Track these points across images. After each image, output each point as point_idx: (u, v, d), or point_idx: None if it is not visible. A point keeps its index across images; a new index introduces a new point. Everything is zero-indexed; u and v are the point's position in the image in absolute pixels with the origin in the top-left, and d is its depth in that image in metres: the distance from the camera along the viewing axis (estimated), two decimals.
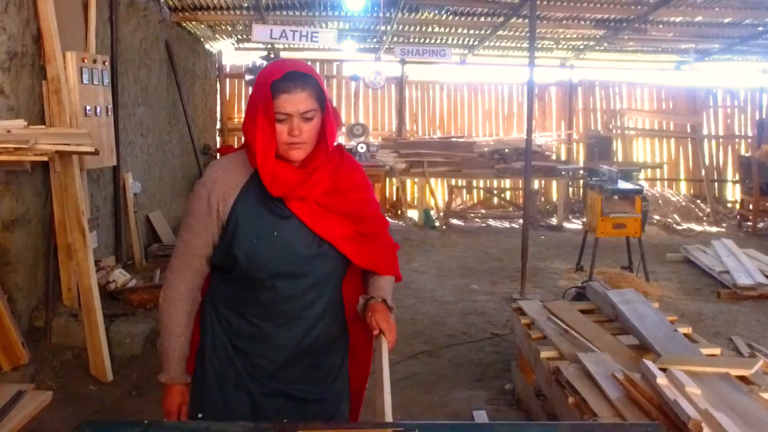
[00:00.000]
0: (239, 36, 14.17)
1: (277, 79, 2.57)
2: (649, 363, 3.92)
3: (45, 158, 5.51)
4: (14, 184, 6.20)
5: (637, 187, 9.66)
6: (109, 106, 7.28)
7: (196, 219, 2.74)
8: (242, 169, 2.74)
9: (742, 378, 4.01)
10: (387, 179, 14.02)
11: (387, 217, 11.17)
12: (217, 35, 13.72)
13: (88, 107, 6.73)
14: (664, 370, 3.89)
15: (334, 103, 15.33)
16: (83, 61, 6.67)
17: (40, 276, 6.54)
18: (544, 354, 4.77)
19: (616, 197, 9.27)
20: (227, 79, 15.50)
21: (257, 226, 2.70)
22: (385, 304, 2.91)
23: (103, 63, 7.11)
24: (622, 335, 5.02)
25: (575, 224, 14.15)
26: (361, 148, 12.56)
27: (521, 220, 9.61)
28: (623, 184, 9.54)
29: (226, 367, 2.83)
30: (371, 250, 2.90)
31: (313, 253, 2.74)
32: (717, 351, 4.68)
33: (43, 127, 6.10)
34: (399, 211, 14.41)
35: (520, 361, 5.79)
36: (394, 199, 14.79)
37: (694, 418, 3.16)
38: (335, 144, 2.77)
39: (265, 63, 14.91)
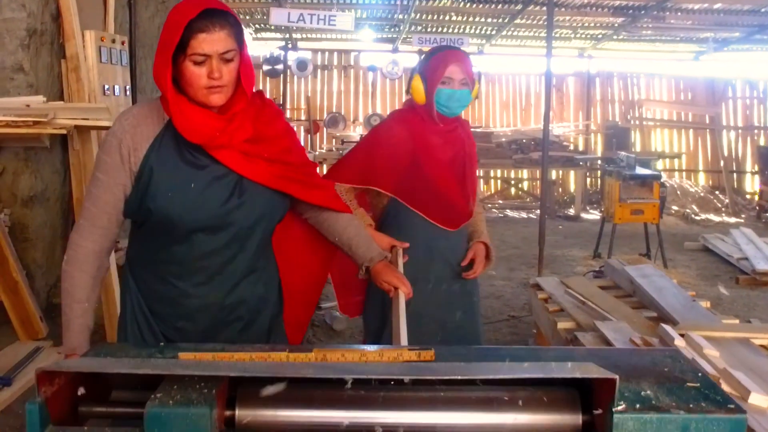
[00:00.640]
0: (257, 25, 14.20)
1: (192, 18, 2.35)
2: (667, 327, 3.91)
3: (64, 131, 5.55)
4: (33, 161, 6.24)
5: (655, 173, 9.62)
6: (128, 87, 7.30)
7: (106, 172, 2.52)
8: (155, 117, 2.55)
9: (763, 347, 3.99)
10: None
11: None
12: None
13: (106, 86, 6.76)
14: (682, 335, 3.87)
15: (352, 95, 15.44)
16: (102, 41, 6.69)
17: (59, 254, 6.56)
18: (561, 325, 4.75)
19: (633, 183, 9.24)
20: None
21: (172, 177, 2.50)
22: (385, 260, 2.91)
23: (122, 43, 7.13)
24: (641, 309, 5.00)
25: (593, 215, 14.11)
26: None
27: (538, 210, 9.58)
28: (641, 170, 9.50)
29: (147, 334, 2.66)
30: (311, 188, 2.78)
31: (233, 205, 2.55)
32: (735, 321, 4.65)
33: (62, 102, 6.14)
34: None
35: (538, 339, 5.77)
36: None
37: (712, 374, 3.15)
38: (254, 90, 2.61)
39: (282, 53, 14.93)
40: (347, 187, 3.65)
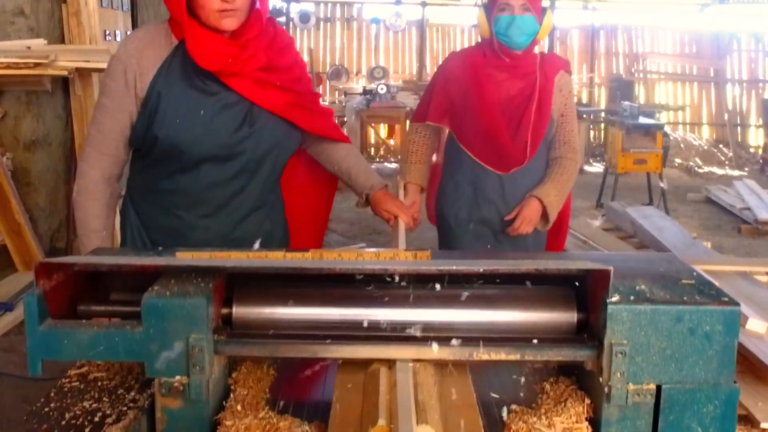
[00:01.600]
0: None
1: None
2: None
3: (65, 73, 5.54)
4: (35, 104, 6.24)
5: (658, 122, 9.58)
6: (129, 32, 7.27)
7: (111, 98, 2.46)
8: (162, 41, 2.46)
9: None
10: (407, 121, 13.94)
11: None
12: None
13: (107, 31, 6.73)
14: None
15: (355, 47, 15.34)
16: None
17: (61, 199, 6.57)
18: None
19: (637, 132, 9.20)
20: None
21: (180, 103, 2.44)
22: (385, 189, 2.87)
23: None
24: (643, 249, 5.01)
25: (596, 167, 14.05)
26: (382, 89, 12.48)
27: None
28: (644, 120, 9.46)
29: None
30: (316, 117, 2.74)
31: (243, 135, 2.51)
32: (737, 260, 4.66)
33: (63, 45, 6.12)
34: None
35: None
36: None
37: None
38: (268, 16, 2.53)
39: (284, 5, 14.84)
40: (415, 127, 3.66)
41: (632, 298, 1.62)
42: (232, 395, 1.72)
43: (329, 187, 3.07)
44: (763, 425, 2.35)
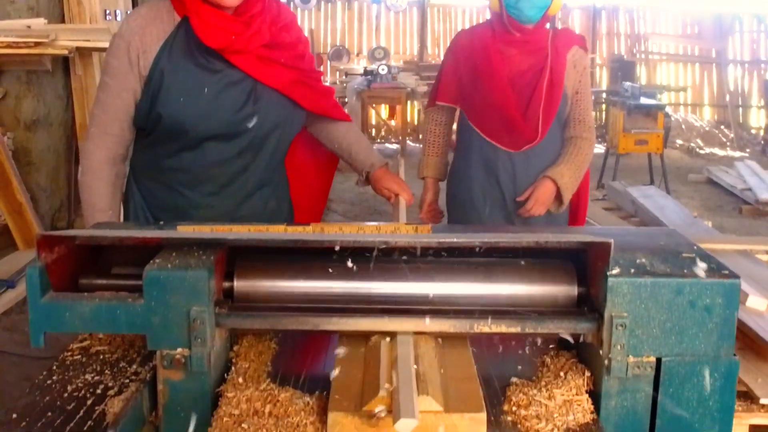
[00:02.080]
0: None
1: None
2: None
3: (65, 52, 5.54)
4: (35, 84, 6.24)
5: (659, 103, 9.56)
6: (129, 11, 7.25)
7: (114, 76, 2.43)
8: (165, 17, 2.43)
9: None
10: (408, 102, 13.92)
11: (408, 141, 10.99)
12: None
13: (107, 10, 6.72)
14: None
15: (356, 28, 15.30)
16: None
17: (62, 179, 6.58)
18: None
19: (638, 113, 9.18)
20: None
21: (184, 81, 2.41)
22: (386, 167, 2.85)
23: None
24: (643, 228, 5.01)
25: (597, 148, 14.01)
26: (382, 70, 12.46)
27: None
28: (646, 100, 9.44)
29: None
30: (318, 95, 2.71)
31: (247, 113, 2.49)
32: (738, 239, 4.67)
33: (63, 24, 6.11)
34: (420, 136, 14.33)
35: None
36: (416, 123, 14.71)
37: None
38: None
39: None
40: (431, 116, 3.60)
41: (632, 270, 1.63)
42: (233, 368, 1.73)
43: (329, 165, 3.06)
44: (763, 401, 2.36)
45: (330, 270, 1.76)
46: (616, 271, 1.61)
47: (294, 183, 2.88)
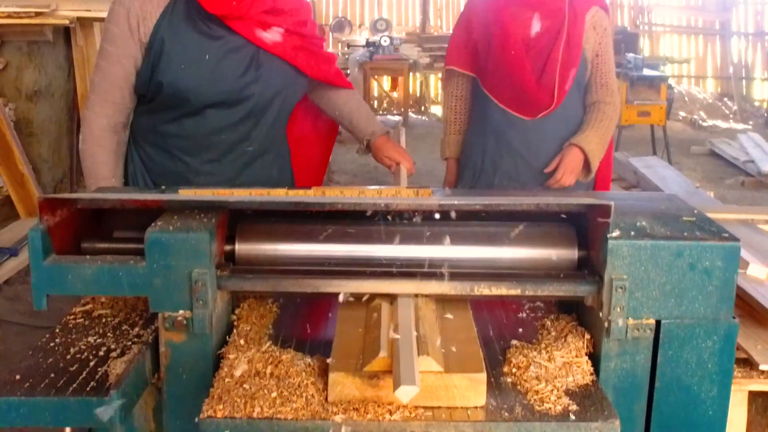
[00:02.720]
0: None
1: None
2: None
3: (66, 22, 5.52)
4: (36, 55, 6.21)
5: (662, 74, 9.53)
6: None
7: (114, 43, 2.40)
8: None
9: None
10: (411, 74, 13.88)
11: (410, 113, 10.96)
12: None
13: None
14: None
15: None
16: None
17: (65, 150, 6.57)
18: None
19: (641, 84, 9.14)
20: None
21: (185, 48, 2.39)
22: (387, 136, 2.83)
23: None
24: None
25: None
26: (385, 41, 12.41)
27: None
28: (649, 72, 9.40)
29: None
30: (319, 60, 2.67)
31: (249, 79, 2.47)
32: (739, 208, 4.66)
33: None
34: (423, 107, 14.31)
35: None
36: (418, 95, 14.68)
37: None
38: None
39: None
40: (450, 91, 3.42)
41: (632, 233, 1.63)
42: (235, 330, 1.74)
43: (329, 134, 3.05)
44: (762, 367, 2.36)
45: (331, 233, 1.77)
46: (616, 233, 1.61)
47: (294, 151, 2.87)
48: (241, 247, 1.76)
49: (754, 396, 2.50)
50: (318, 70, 2.68)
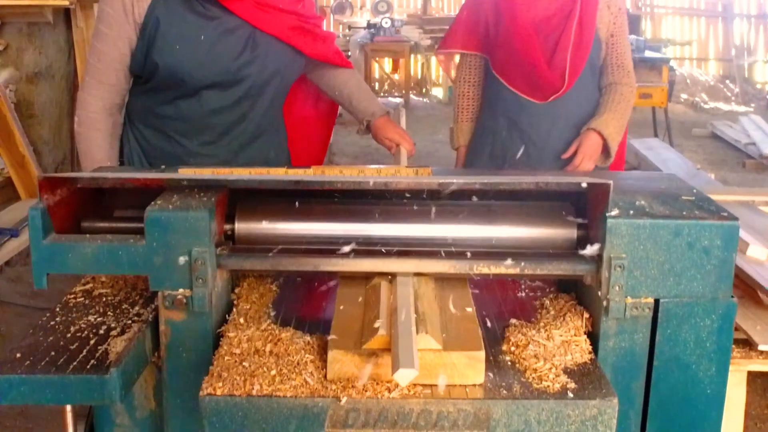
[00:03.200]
0: None
1: None
2: None
3: (66, 3, 5.50)
4: (37, 37, 6.19)
5: (664, 56, 9.50)
6: None
7: (109, 25, 2.39)
8: None
9: None
10: (412, 56, 13.84)
11: (411, 95, 10.95)
12: None
13: None
14: None
15: None
16: None
17: (65, 131, 6.55)
18: None
19: (642, 66, 9.10)
20: None
21: (180, 29, 2.39)
22: (387, 116, 2.81)
23: None
24: None
25: None
26: (386, 23, 12.38)
27: None
28: (650, 54, 9.37)
29: None
30: (318, 42, 2.66)
31: (245, 60, 2.46)
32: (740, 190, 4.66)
33: None
34: (424, 89, 14.29)
35: None
36: (419, 77, 14.65)
37: None
38: None
39: None
40: (462, 76, 3.32)
41: (631, 212, 1.63)
42: (234, 309, 1.75)
43: (329, 114, 3.04)
44: (762, 347, 2.37)
45: (330, 212, 1.77)
46: (615, 212, 1.61)
47: (293, 133, 2.86)
48: (241, 226, 1.76)
49: (753, 377, 2.51)
50: (316, 50, 2.67)
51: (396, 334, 1.45)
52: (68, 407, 1.73)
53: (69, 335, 1.68)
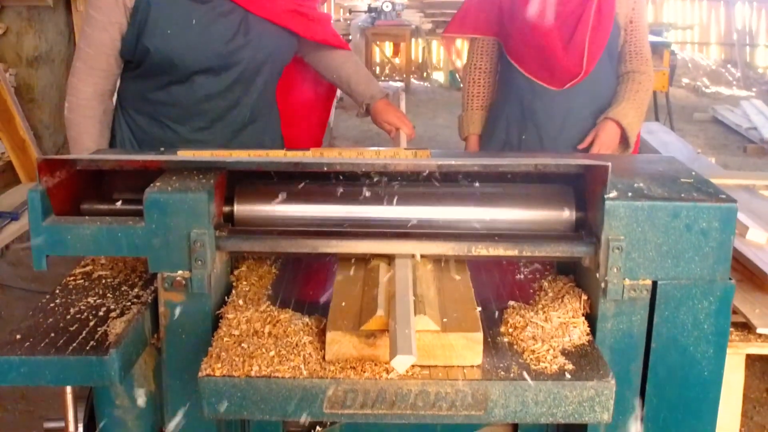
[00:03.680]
0: None
1: None
2: None
3: None
4: (37, 21, 6.19)
5: (665, 40, 9.47)
6: None
7: (99, 9, 2.37)
8: None
9: None
10: (413, 40, 13.80)
11: (412, 79, 10.94)
12: None
13: None
14: None
15: None
16: None
17: None
18: None
19: None
20: None
21: (171, 12, 2.36)
22: (386, 99, 2.77)
23: None
24: None
25: None
26: (387, 7, 12.35)
27: None
28: (652, 38, 9.32)
29: None
30: (314, 23, 2.62)
31: (238, 44, 2.44)
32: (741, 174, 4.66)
33: None
34: (425, 73, 14.26)
35: None
36: (420, 61, 14.61)
37: None
38: None
39: None
40: (473, 62, 3.21)
41: (630, 194, 1.63)
42: (233, 291, 1.75)
43: (327, 96, 3.01)
44: (760, 331, 2.38)
45: (329, 194, 1.77)
46: (613, 194, 1.61)
47: (290, 117, 2.85)
48: (240, 208, 1.76)
49: (752, 360, 2.52)
50: (312, 32, 2.64)
51: (394, 320, 1.45)
52: (68, 389, 1.73)
53: (68, 317, 1.68)
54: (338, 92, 3.04)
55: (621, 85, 3.05)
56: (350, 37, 11.41)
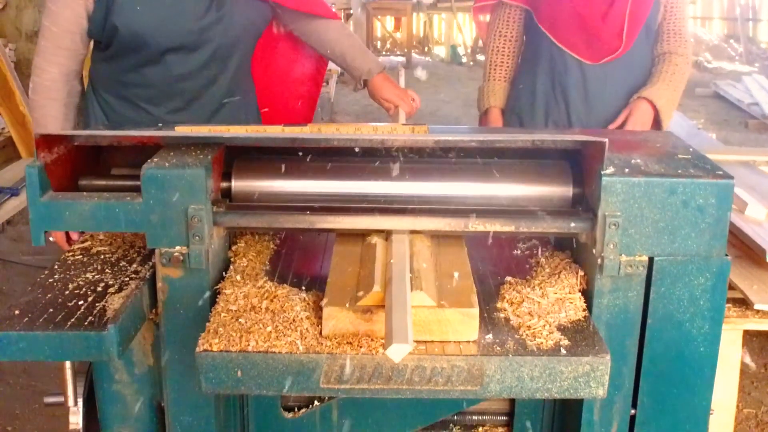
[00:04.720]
0: None
1: None
2: None
3: None
4: None
5: None
6: None
7: None
8: None
9: None
10: (414, 14, 13.75)
11: (413, 53, 10.90)
12: None
13: None
14: None
15: None
16: None
17: None
18: None
19: None
20: None
21: None
22: (384, 73, 2.68)
23: None
24: None
25: None
26: None
27: None
28: None
29: None
30: None
31: (210, 20, 2.36)
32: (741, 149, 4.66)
33: None
34: (426, 48, 14.21)
35: None
36: (421, 35, 14.56)
37: None
38: None
39: None
40: (497, 30, 3.02)
41: (627, 170, 1.63)
42: (231, 266, 1.76)
43: (316, 68, 2.90)
44: (757, 306, 2.39)
45: (326, 170, 1.77)
46: (610, 170, 1.62)
47: (274, 88, 2.77)
48: (238, 184, 1.76)
49: (750, 336, 2.53)
50: (296, 1, 2.54)
51: (389, 307, 1.44)
52: (67, 364, 1.75)
53: (67, 292, 1.69)
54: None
55: (657, 66, 2.91)
56: (351, 12, 11.37)
